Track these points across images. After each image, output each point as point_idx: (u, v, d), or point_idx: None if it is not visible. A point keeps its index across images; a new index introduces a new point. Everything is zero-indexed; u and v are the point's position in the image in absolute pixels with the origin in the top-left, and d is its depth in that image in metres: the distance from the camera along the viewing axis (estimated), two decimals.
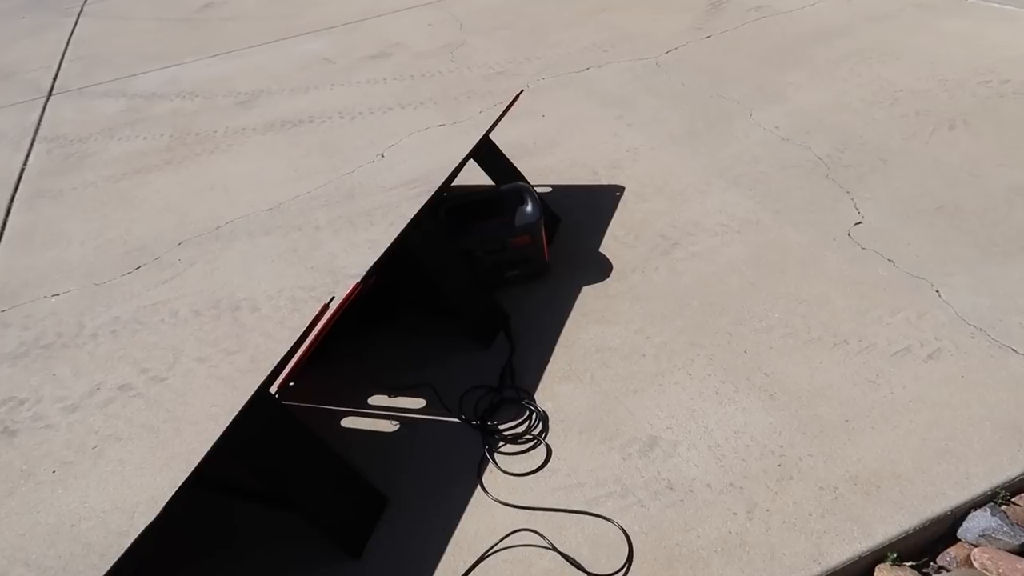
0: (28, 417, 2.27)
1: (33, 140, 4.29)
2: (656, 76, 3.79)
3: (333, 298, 1.93)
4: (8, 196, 3.66)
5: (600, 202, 2.83)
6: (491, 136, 3.02)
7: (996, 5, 3.94)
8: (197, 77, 4.87)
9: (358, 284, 1.87)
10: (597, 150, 3.19)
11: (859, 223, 2.48)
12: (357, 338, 2.30)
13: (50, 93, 5.05)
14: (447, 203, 2.38)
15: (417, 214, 2.13)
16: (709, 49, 4.02)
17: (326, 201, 3.15)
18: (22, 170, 3.92)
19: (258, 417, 1.63)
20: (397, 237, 2.06)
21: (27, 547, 1.86)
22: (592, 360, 2.12)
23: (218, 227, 3.10)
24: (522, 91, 3.02)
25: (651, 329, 2.19)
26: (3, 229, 3.38)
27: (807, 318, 2.13)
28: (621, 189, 2.89)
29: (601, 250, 2.56)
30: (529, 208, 2.36)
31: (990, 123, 2.94)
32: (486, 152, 2.55)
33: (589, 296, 2.36)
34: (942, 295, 2.13)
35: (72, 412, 2.26)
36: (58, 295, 2.83)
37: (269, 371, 1.68)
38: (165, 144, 3.96)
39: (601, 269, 2.47)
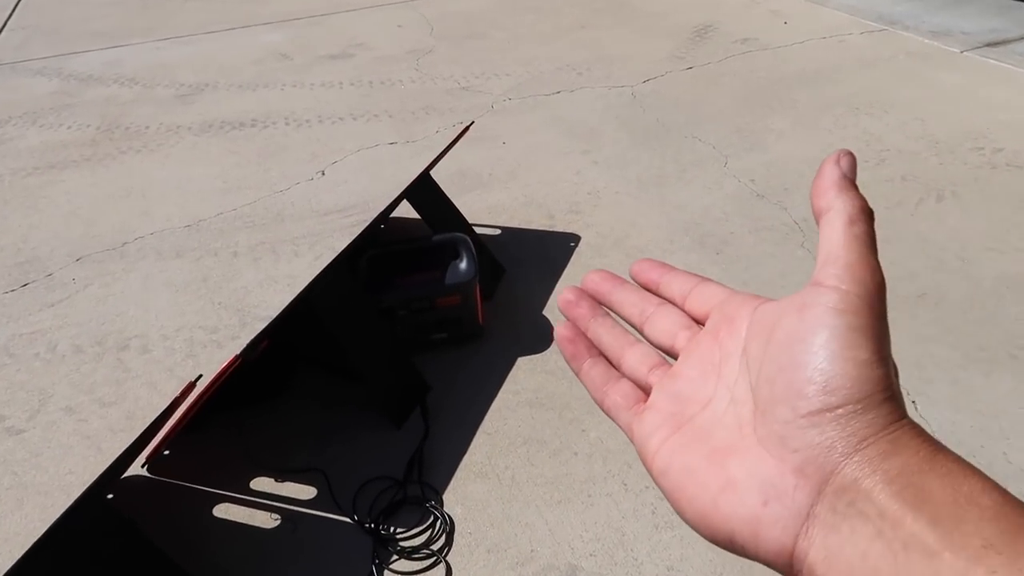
0: None
1: None
2: (630, 108, 3.51)
3: (200, 376, 1.61)
4: None
5: (552, 253, 2.54)
6: (442, 163, 2.72)
7: (992, 62, 3.72)
8: (141, 62, 4.50)
9: (236, 358, 1.56)
10: (557, 189, 2.90)
11: None
12: (245, 407, 1.98)
13: None
14: (370, 251, 2.08)
15: (325, 268, 1.82)
16: (689, 82, 3.74)
17: (251, 222, 2.83)
18: None
19: (85, 522, 1.32)
20: (297, 296, 1.75)
21: None
22: (516, 454, 1.83)
23: (125, 243, 2.76)
24: (472, 123, 2.72)
25: (588, 420, 1.90)
26: None
27: None
28: (577, 239, 2.60)
29: (545, 312, 2.27)
30: (464, 265, 2.06)
31: (980, 197, 2.69)
32: (422, 192, 2.24)
33: (524, 370, 2.07)
34: (918, 407, 1.87)
35: None
36: None
37: (105, 468, 1.36)
38: (90, 137, 3.60)
39: (542, 336, 2.18)
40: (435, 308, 2.04)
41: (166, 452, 1.90)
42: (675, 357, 0.44)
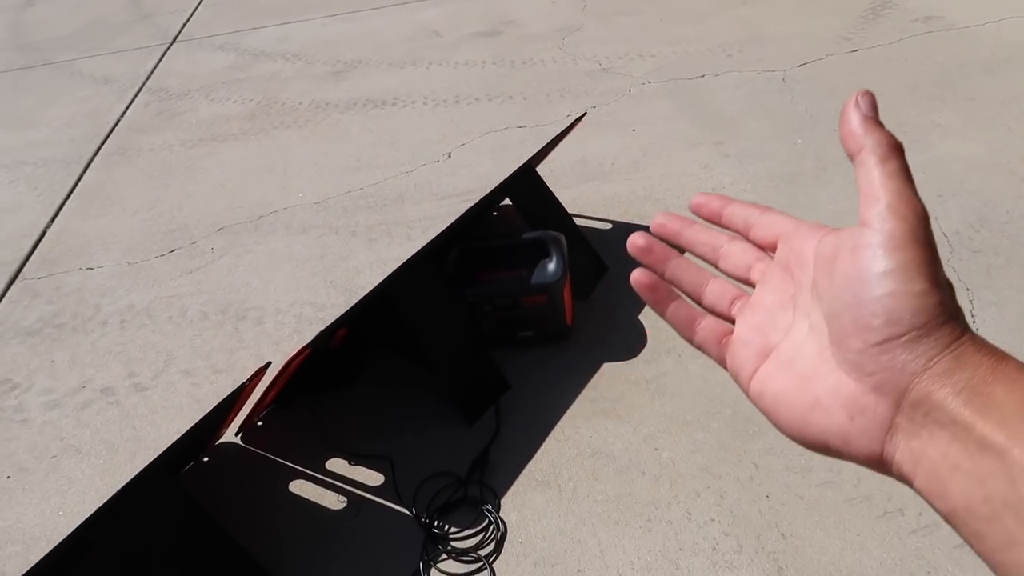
0: (12, 406, 2.22)
1: (139, 90, 4.34)
2: (778, 95, 3.26)
3: (270, 363, 1.69)
4: (92, 151, 3.69)
5: None
6: (566, 147, 2.68)
7: None
8: (306, 38, 4.76)
9: (305, 349, 1.62)
10: (679, 183, 2.76)
11: None
12: (327, 390, 2.06)
13: (174, 40, 5.12)
14: (461, 245, 2.08)
15: (405, 262, 1.85)
16: (851, 67, 3.41)
17: (374, 202, 2.92)
18: (116, 123, 3.96)
19: (145, 494, 1.44)
20: (377, 287, 1.79)
21: None
22: (582, 466, 1.78)
23: (261, 216, 2.95)
24: (584, 115, 2.63)
25: (663, 438, 1.81)
26: (75, 185, 3.40)
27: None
28: None
29: (641, 317, 2.18)
30: (552, 265, 2.01)
31: None
32: (520, 188, 2.20)
33: (607, 377, 2.00)
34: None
35: (51, 409, 2.18)
36: (91, 269, 2.79)
37: (170, 445, 1.47)
38: (250, 111, 3.87)
39: (632, 343, 2.09)
40: (520, 306, 2.01)
41: (259, 423, 2.02)
42: (751, 286, 0.47)
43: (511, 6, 4.81)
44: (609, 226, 2.59)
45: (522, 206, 2.22)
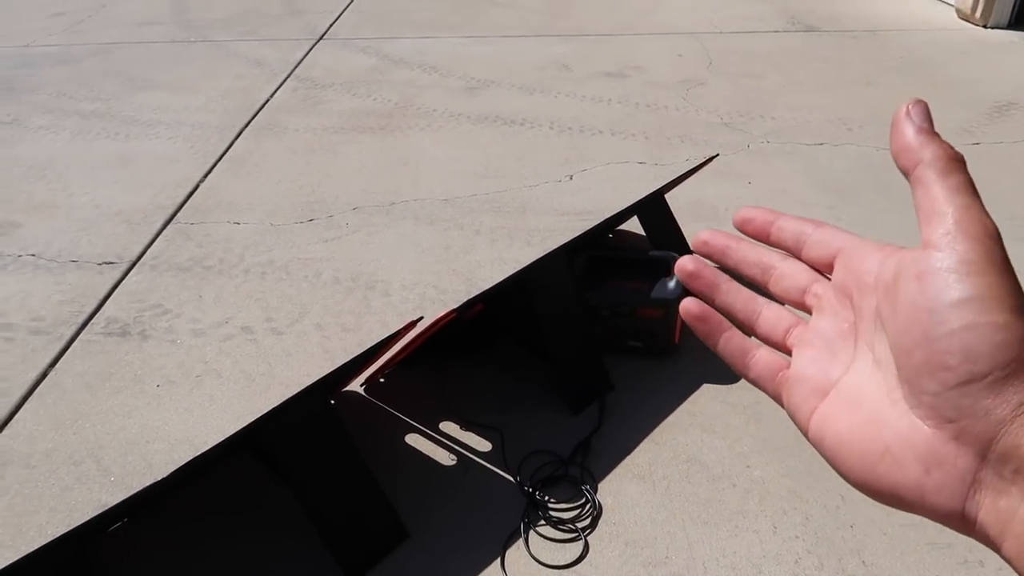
0: (164, 328, 2.48)
1: (288, 76, 4.71)
2: (894, 173, 3.30)
3: (422, 317, 1.89)
4: (245, 121, 4.04)
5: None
6: (684, 188, 2.84)
7: None
8: (443, 53, 5.08)
9: (452, 312, 1.81)
10: None
11: None
12: (449, 358, 2.25)
13: (321, 37, 5.51)
14: (590, 252, 2.26)
15: (546, 255, 2.03)
16: (971, 157, 3.41)
17: (498, 207, 3.14)
18: (266, 102, 4.31)
19: (304, 409, 1.64)
20: (516, 273, 1.98)
21: (105, 447, 2.03)
22: (677, 469, 1.91)
23: (393, 203, 3.20)
24: (716, 155, 2.79)
25: (756, 458, 1.93)
26: (227, 150, 3.73)
27: None
28: None
29: None
30: (672, 283, 2.17)
31: None
32: (651, 210, 2.37)
33: (706, 396, 2.13)
34: None
35: (197, 336, 2.43)
36: (238, 224, 3.07)
37: (332, 369, 1.67)
38: (388, 110, 4.16)
39: (730, 372, 2.21)
40: (635, 316, 2.18)
41: (382, 380, 2.22)
42: (807, 312, 0.42)
43: (639, 52, 5.04)
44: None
45: (649, 229, 2.39)
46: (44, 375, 2.31)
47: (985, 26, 5.37)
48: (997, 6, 5.30)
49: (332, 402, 2.09)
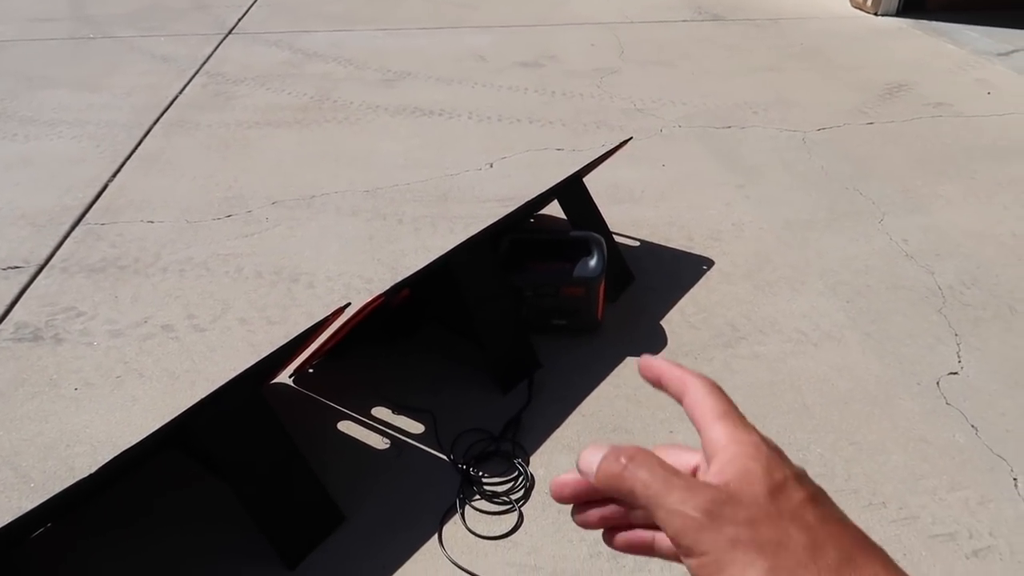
0: (78, 330, 2.40)
1: (196, 72, 4.59)
2: (797, 152, 3.54)
3: (349, 304, 1.90)
4: (153, 119, 3.91)
5: (683, 271, 2.66)
6: (601, 172, 2.92)
7: None
8: (358, 46, 5.04)
9: (380, 297, 1.83)
10: (702, 215, 3.01)
11: (954, 373, 2.19)
12: (378, 344, 2.27)
13: (230, 31, 5.38)
14: (512, 234, 2.30)
15: (470, 238, 2.07)
16: (866, 137, 3.70)
17: (420, 197, 3.15)
18: (175, 98, 4.19)
19: (234, 399, 1.63)
20: (441, 257, 2.01)
21: (22, 453, 1.96)
22: (605, 438, 1.98)
23: (313, 196, 3.17)
24: (630, 139, 2.89)
25: (677, 424, 2.02)
26: (136, 148, 3.61)
27: (851, 464, 1.89)
28: (710, 263, 2.70)
29: (663, 322, 2.40)
30: (593, 261, 2.24)
31: None
32: (570, 193, 2.44)
33: (629, 368, 2.21)
34: (1019, 486, 1.83)
35: (115, 337, 2.37)
36: (152, 222, 2.99)
37: (261, 357, 1.67)
38: (303, 104, 4.11)
39: (653, 344, 2.31)
40: (559, 296, 2.24)
41: (311, 370, 2.22)
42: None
43: (553, 43, 5.12)
44: (637, 243, 2.83)
45: (569, 211, 2.45)
46: None
47: (876, 14, 5.68)
48: None
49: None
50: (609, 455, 0.43)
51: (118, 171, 3.40)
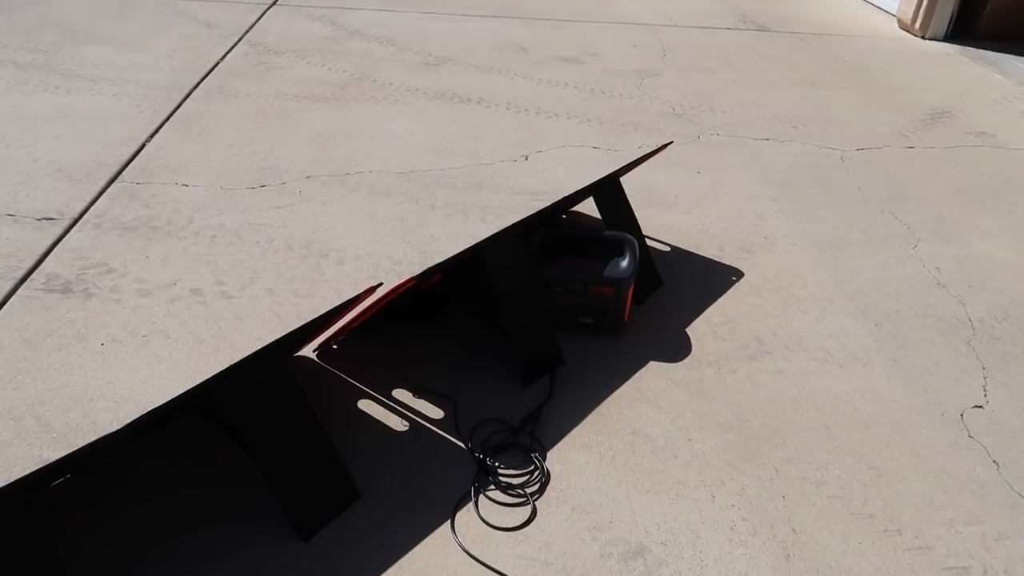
0: (108, 287, 2.42)
1: (239, 40, 4.60)
2: (834, 170, 3.51)
3: (381, 284, 1.90)
4: (193, 83, 3.94)
5: (712, 280, 2.65)
6: (636, 174, 2.90)
7: None
8: (401, 27, 5.04)
9: (412, 279, 1.83)
10: (735, 225, 2.99)
11: (979, 407, 2.17)
12: (403, 327, 2.27)
13: (274, 2, 5.40)
14: (545, 229, 2.30)
15: (504, 229, 2.07)
16: (905, 161, 3.66)
17: (453, 183, 3.15)
18: (216, 64, 4.21)
19: (261, 369, 1.64)
20: (475, 245, 2.00)
21: (47, 403, 1.98)
22: (622, 440, 1.98)
23: (348, 173, 3.18)
24: (670, 143, 2.87)
25: (697, 432, 2.01)
26: (175, 110, 3.63)
27: (869, 488, 1.88)
28: (740, 275, 2.68)
29: (688, 330, 2.39)
30: (624, 263, 2.23)
31: None
32: (607, 192, 2.43)
33: (652, 373, 2.21)
34: None
35: (144, 296, 2.38)
36: (187, 186, 3.01)
37: (289, 330, 1.68)
38: (343, 81, 4.12)
39: (677, 350, 2.30)
40: (588, 293, 2.23)
41: (335, 346, 2.23)
42: None
43: (595, 40, 5.10)
44: (667, 249, 2.81)
45: (604, 211, 2.44)
46: None
47: (923, 37, 5.61)
48: (935, 19, 5.54)
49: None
50: None
51: (156, 132, 3.43)
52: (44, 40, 4.43)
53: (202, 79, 4.00)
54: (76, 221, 2.75)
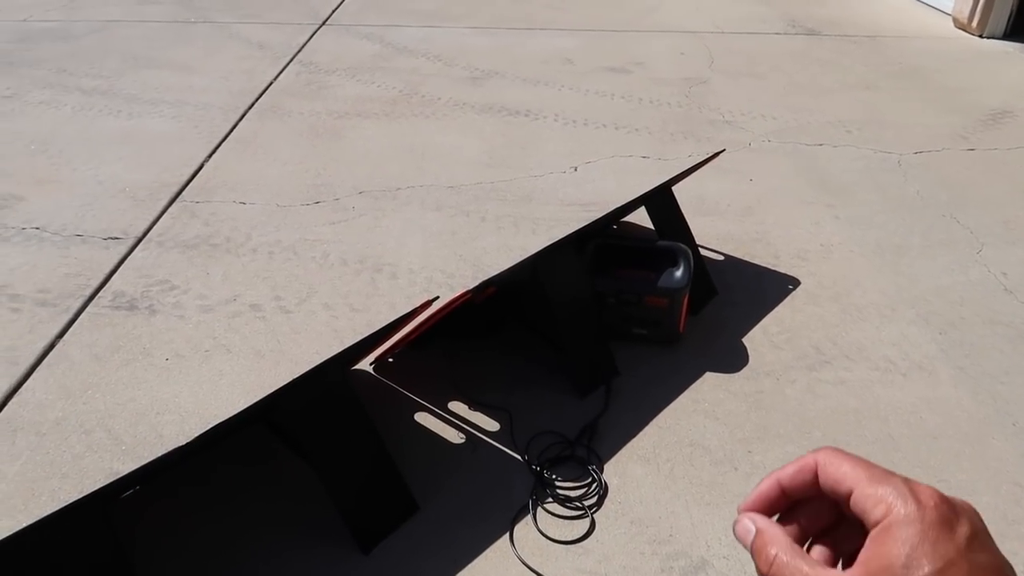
0: (171, 303, 2.49)
1: (291, 60, 4.71)
2: (892, 174, 3.43)
3: (437, 297, 1.92)
4: (248, 104, 4.04)
5: (767, 289, 2.61)
6: (687, 183, 2.88)
7: None
8: (447, 43, 5.10)
9: (467, 293, 1.85)
10: (789, 233, 2.94)
11: None
12: (458, 340, 2.29)
13: (324, 22, 5.51)
14: (598, 240, 2.29)
15: (557, 241, 2.07)
16: (966, 163, 3.56)
17: (503, 196, 3.17)
18: (269, 84, 4.31)
19: (322, 382, 1.67)
20: (529, 257, 2.01)
21: (115, 416, 2.05)
22: (680, 452, 1.96)
23: (399, 188, 3.22)
24: (722, 151, 2.84)
25: (757, 444, 1.98)
26: (232, 130, 3.73)
27: None
28: (796, 283, 2.64)
29: (744, 340, 2.36)
30: (679, 273, 2.21)
31: None
32: (659, 202, 2.42)
33: (709, 384, 2.18)
34: None
35: (205, 312, 2.45)
36: (244, 204, 3.08)
37: (349, 345, 1.70)
38: (392, 97, 4.18)
39: (734, 360, 2.27)
40: (642, 305, 2.22)
41: (391, 359, 2.25)
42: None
43: (641, 49, 5.08)
44: (721, 258, 2.78)
45: (656, 220, 2.43)
46: (52, 346, 2.32)
47: (981, 35, 5.45)
48: (993, 17, 5.39)
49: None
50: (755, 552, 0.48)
51: (214, 152, 3.52)
52: (107, 66, 4.61)
53: (256, 99, 4.10)
54: (140, 240, 2.84)
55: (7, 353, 2.28)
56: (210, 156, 3.48)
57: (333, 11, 5.80)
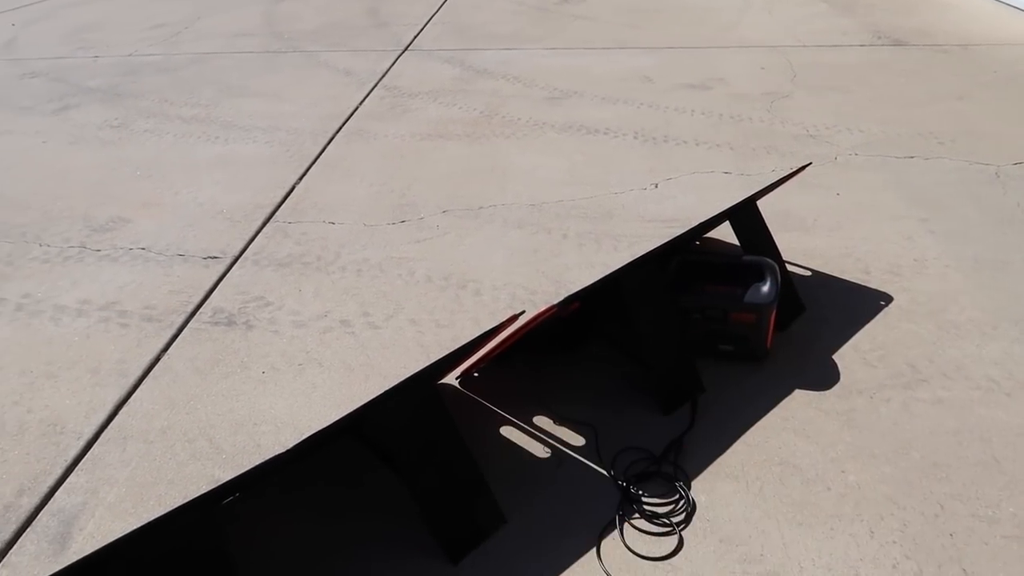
0: (266, 319, 2.60)
1: (375, 85, 4.87)
2: (989, 187, 3.29)
3: (524, 312, 1.95)
4: (336, 127, 4.20)
5: (858, 306, 2.54)
6: (770, 198, 2.85)
7: None
8: (526, 65, 5.17)
9: (552, 307, 1.87)
10: (880, 247, 2.86)
11: None
12: (543, 355, 2.31)
13: (406, 48, 5.68)
14: (682, 255, 2.29)
15: (640, 257, 2.08)
16: None
17: (584, 213, 3.19)
18: (355, 109, 4.47)
19: (413, 396, 1.71)
20: (613, 273, 2.02)
21: (216, 427, 2.15)
22: (770, 471, 1.92)
23: (481, 207, 3.28)
24: (808, 164, 2.79)
25: (850, 464, 1.92)
26: (320, 154, 3.89)
27: None
28: (888, 299, 2.56)
29: (835, 357, 2.30)
30: (765, 288, 2.18)
31: None
32: (744, 216, 2.39)
33: (798, 401, 2.13)
34: None
35: (298, 327, 2.55)
36: (333, 223, 3.20)
37: (437, 359, 1.75)
38: (473, 118, 4.27)
39: (824, 378, 2.21)
40: (728, 320, 2.19)
41: (476, 374, 2.29)
42: None
43: (721, 65, 5.04)
44: (808, 273, 2.72)
45: (742, 235, 2.40)
46: (157, 359, 2.46)
47: None
48: None
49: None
50: None
51: (304, 174, 3.67)
52: (204, 96, 4.86)
53: (343, 123, 4.25)
54: (237, 259, 2.98)
55: (118, 366, 2.43)
56: (301, 178, 3.63)
57: (415, 37, 5.97)
